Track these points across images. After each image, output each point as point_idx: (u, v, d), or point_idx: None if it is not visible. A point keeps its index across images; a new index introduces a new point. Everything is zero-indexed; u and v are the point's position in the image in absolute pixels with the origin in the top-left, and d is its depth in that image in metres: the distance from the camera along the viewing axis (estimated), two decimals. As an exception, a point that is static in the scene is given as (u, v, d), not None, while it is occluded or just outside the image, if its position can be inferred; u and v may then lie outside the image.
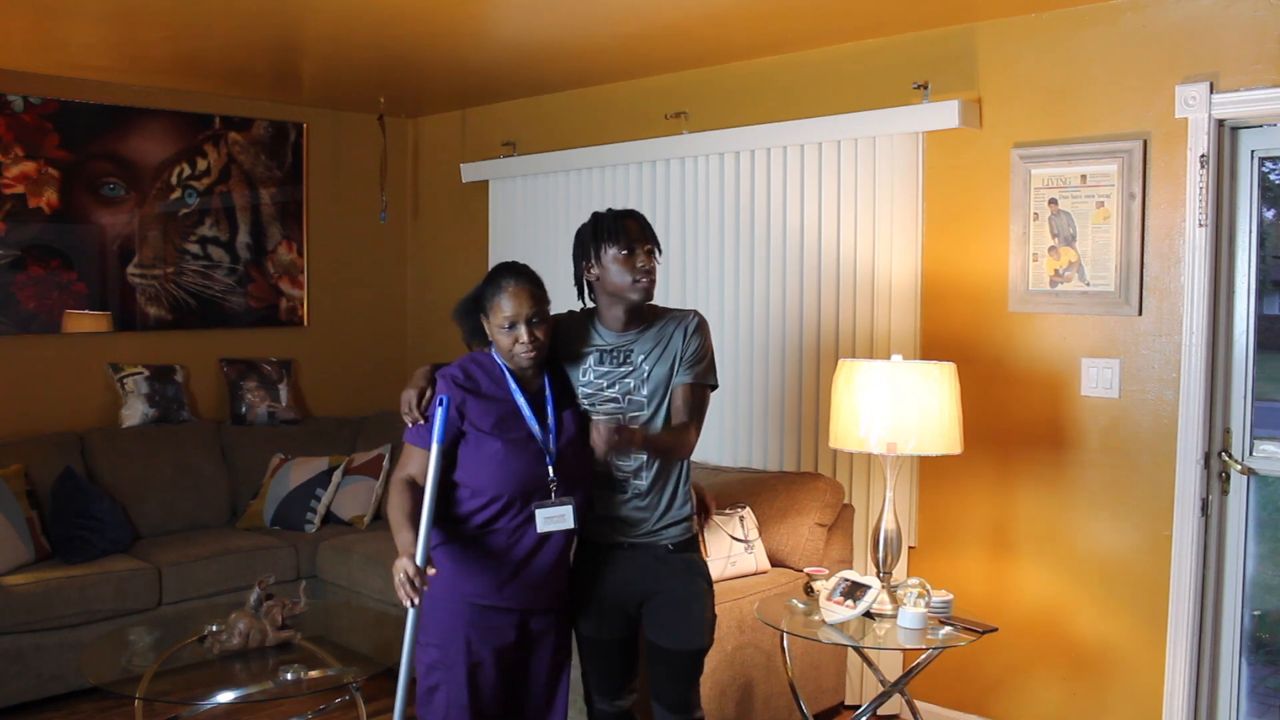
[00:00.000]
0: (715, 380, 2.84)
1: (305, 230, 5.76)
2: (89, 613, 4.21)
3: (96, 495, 4.57)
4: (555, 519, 2.66)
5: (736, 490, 3.91)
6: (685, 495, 2.84)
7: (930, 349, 3.95)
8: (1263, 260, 3.43)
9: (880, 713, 3.85)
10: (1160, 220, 3.45)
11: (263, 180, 5.60)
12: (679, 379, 2.76)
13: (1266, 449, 3.41)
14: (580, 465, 2.73)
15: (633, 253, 2.71)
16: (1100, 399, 3.59)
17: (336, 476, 5.07)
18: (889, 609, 3.30)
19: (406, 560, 2.49)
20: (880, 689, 3.49)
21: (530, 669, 2.79)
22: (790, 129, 4.23)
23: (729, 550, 3.67)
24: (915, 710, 3.49)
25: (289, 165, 5.69)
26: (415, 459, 2.68)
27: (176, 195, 5.30)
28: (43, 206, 4.91)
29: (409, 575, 2.47)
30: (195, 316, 5.41)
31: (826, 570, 3.51)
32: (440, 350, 5.21)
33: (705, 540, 3.31)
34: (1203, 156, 3.31)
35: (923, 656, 3.31)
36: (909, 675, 3.38)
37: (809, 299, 4.23)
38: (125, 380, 5.09)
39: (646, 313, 2.83)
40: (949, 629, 3.22)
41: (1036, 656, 3.76)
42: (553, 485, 2.66)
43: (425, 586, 2.50)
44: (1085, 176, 3.56)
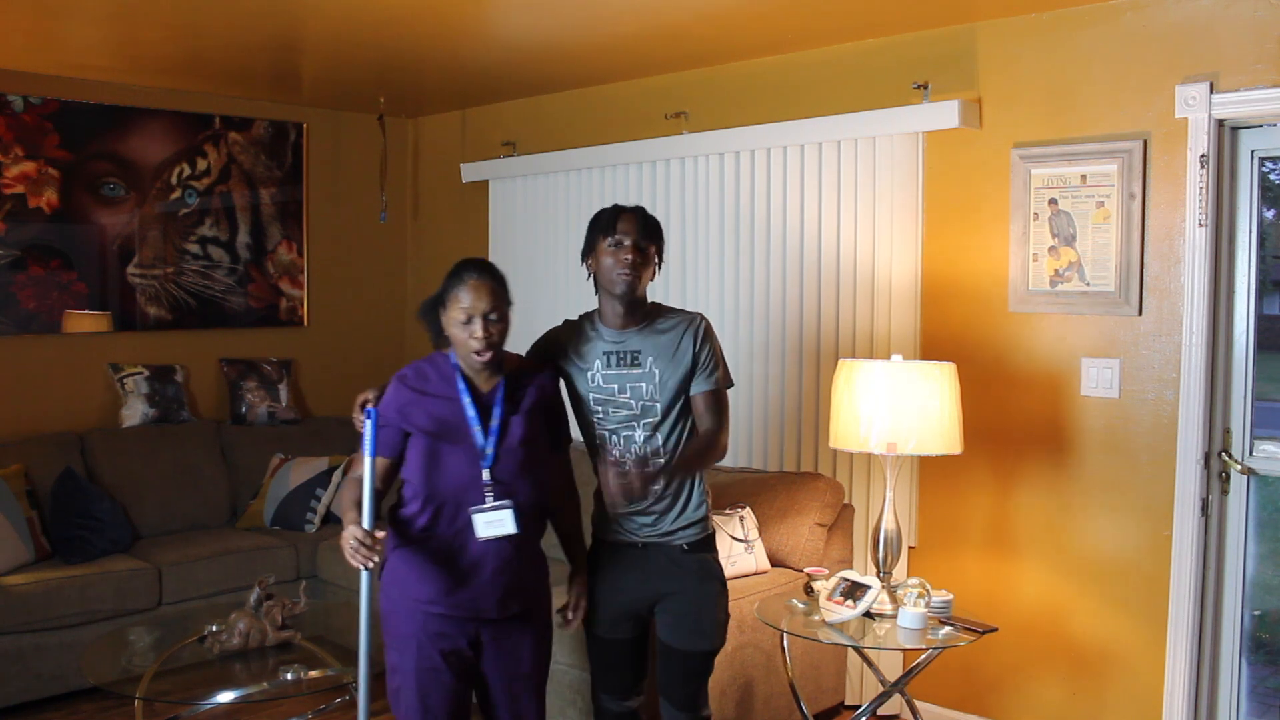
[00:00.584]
0: (731, 379, 2.89)
1: (305, 230, 5.76)
2: (89, 613, 4.21)
3: (96, 495, 4.57)
4: (495, 524, 2.59)
5: (736, 490, 3.91)
6: (701, 496, 2.83)
7: (930, 349, 3.95)
8: (1263, 260, 3.43)
9: (880, 713, 3.85)
10: (1160, 220, 3.45)
11: (263, 180, 5.60)
12: (699, 388, 2.79)
13: (1266, 449, 3.41)
14: (525, 470, 2.65)
15: (620, 245, 2.72)
16: (1100, 399, 3.59)
17: (336, 476, 5.07)
18: (889, 609, 3.30)
19: (353, 527, 2.49)
20: (880, 689, 3.49)
21: (490, 680, 2.73)
22: (790, 129, 4.23)
23: (729, 550, 3.66)
24: (915, 710, 3.49)
25: (289, 165, 5.69)
26: (357, 461, 2.68)
27: (176, 195, 5.30)
28: (43, 206, 4.91)
29: (359, 539, 2.46)
30: (195, 316, 5.41)
31: (826, 570, 3.51)
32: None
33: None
34: (1203, 156, 3.31)
35: (923, 656, 3.31)
36: (909, 675, 3.38)
37: (809, 299, 4.23)
38: (125, 380, 5.09)
39: (649, 310, 2.83)
40: (949, 629, 3.22)
41: (1036, 656, 3.76)
42: (487, 489, 2.59)
43: (378, 546, 2.48)
44: (1085, 176, 3.56)
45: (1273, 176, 3.45)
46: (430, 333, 2.75)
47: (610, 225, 2.75)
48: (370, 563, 2.47)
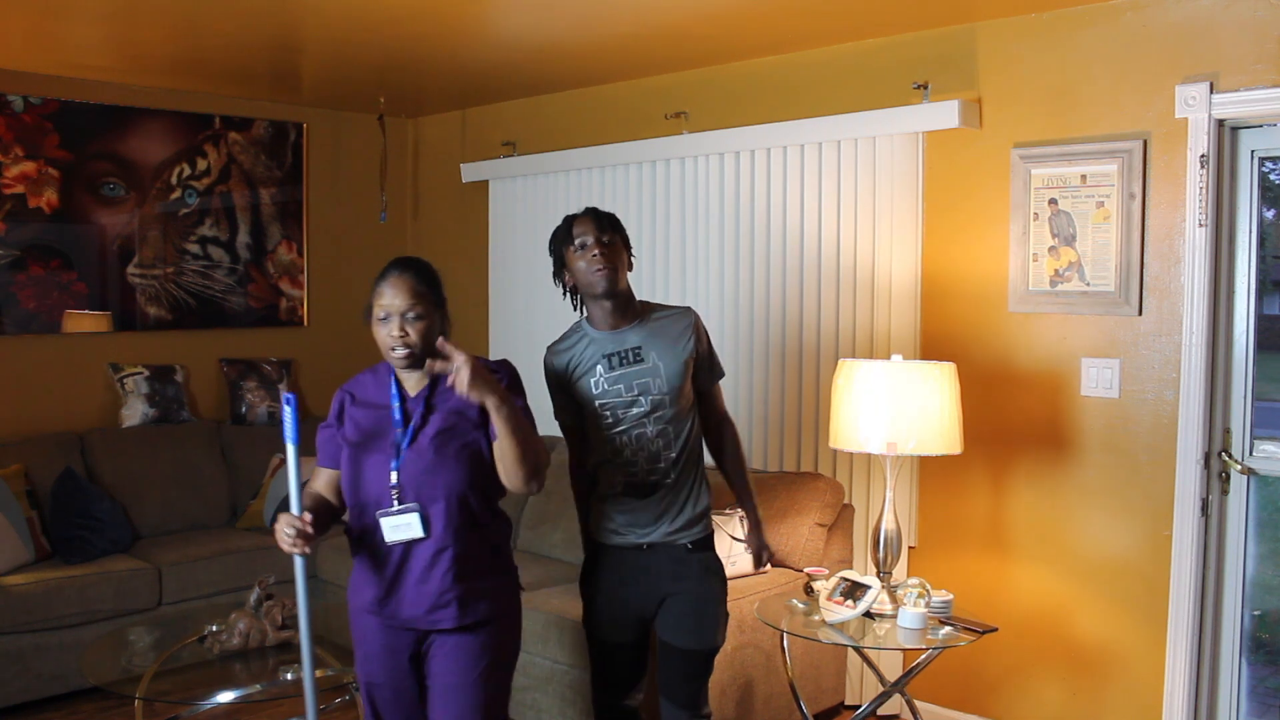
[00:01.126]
0: (722, 368, 3.03)
1: (305, 230, 5.76)
2: (89, 613, 4.21)
3: (96, 495, 4.57)
4: (402, 528, 2.49)
5: (736, 490, 3.92)
6: (704, 486, 2.90)
7: (930, 349, 3.95)
8: (1263, 260, 3.43)
9: (880, 713, 3.85)
10: (1160, 220, 3.45)
11: (263, 180, 5.60)
12: (710, 383, 2.95)
13: (1266, 449, 3.41)
14: (437, 471, 2.51)
15: (585, 246, 2.75)
16: (1100, 399, 3.59)
17: (336, 476, 5.07)
18: (889, 609, 3.30)
19: (284, 515, 2.46)
20: (880, 689, 3.49)
21: (434, 694, 2.59)
22: (790, 129, 4.23)
23: (729, 550, 3.66)
24: (915, 710, 3.49)
25: (289, 165, 5.69)
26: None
27: (176, 195, 5.30)
28: (43, 206, 4.91)
29: (293, 526, 2.42)
30: (195, 316, 5.41)
31: (826, 570, 3.52)
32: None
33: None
34: (1203, 156, 3.31)
35: (923, 656, 3.31)
36: (909, 675, 3.38)
37: (809, 299, 4.23)
38: (125, 380, 5.09)
39: (639, 308, 2.85)
40: (949, 629, 3.22)
41: (1036, 656, 3.76)
42: (393, 491, 2.50)
43: (309, 530, 2.44)
44: (1085, 176, 3.56)
45: (1273, 176, 3.45)
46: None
47: (568, 233, 2.83)
48: (305, 550, 2.43)
